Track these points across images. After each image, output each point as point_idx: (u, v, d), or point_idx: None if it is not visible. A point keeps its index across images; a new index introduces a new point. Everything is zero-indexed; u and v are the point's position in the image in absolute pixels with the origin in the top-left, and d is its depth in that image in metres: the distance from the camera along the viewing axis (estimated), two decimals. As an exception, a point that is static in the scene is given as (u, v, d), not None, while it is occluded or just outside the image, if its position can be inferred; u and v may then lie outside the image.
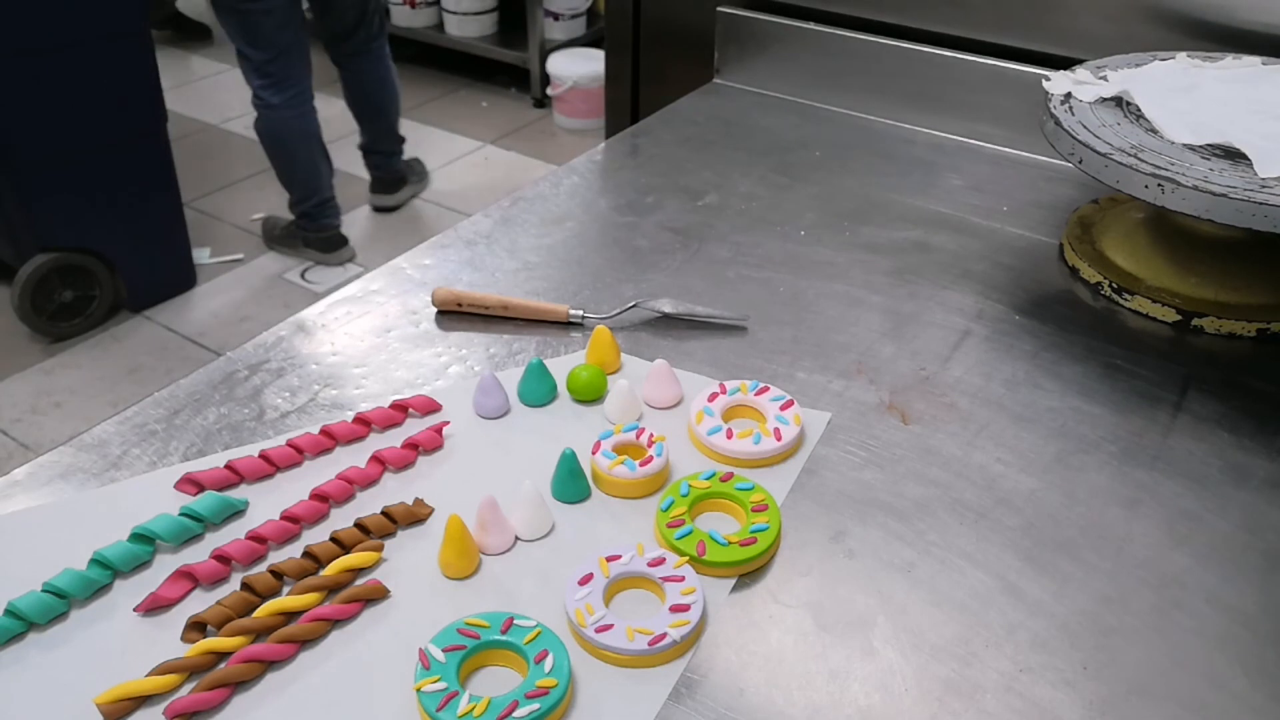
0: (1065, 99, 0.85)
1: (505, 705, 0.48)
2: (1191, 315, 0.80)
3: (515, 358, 0.76)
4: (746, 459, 0.65)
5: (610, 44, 1.36)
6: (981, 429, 0.69)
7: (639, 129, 1.13)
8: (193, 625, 0.53)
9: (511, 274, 0.85)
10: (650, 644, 0.52)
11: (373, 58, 2.62)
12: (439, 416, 0.69)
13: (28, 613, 0.53)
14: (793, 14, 1.17)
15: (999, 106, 1.06)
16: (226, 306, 2.49)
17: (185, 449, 0.66)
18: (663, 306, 0.80)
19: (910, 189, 1.00)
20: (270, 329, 0.77)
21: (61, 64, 2.05)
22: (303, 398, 0.71)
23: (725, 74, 1.23)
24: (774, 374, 0.74)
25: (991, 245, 0.91)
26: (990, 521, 0.62)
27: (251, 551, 0.58)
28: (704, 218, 0.94)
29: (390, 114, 2.74)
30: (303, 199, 2.56)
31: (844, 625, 0.55)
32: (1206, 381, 0.74)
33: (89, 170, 2.19)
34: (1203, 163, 0.76)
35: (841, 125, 1.13)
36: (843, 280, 0.86)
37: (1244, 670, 0.53)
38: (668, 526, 0.59)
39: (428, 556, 0.58)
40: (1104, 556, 0.60)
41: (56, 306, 2.29)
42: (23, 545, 0.58)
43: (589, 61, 3.28)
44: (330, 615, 0.54)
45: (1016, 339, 0.79)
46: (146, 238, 2.36)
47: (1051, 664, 0.53)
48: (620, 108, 1.38)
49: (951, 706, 0.51)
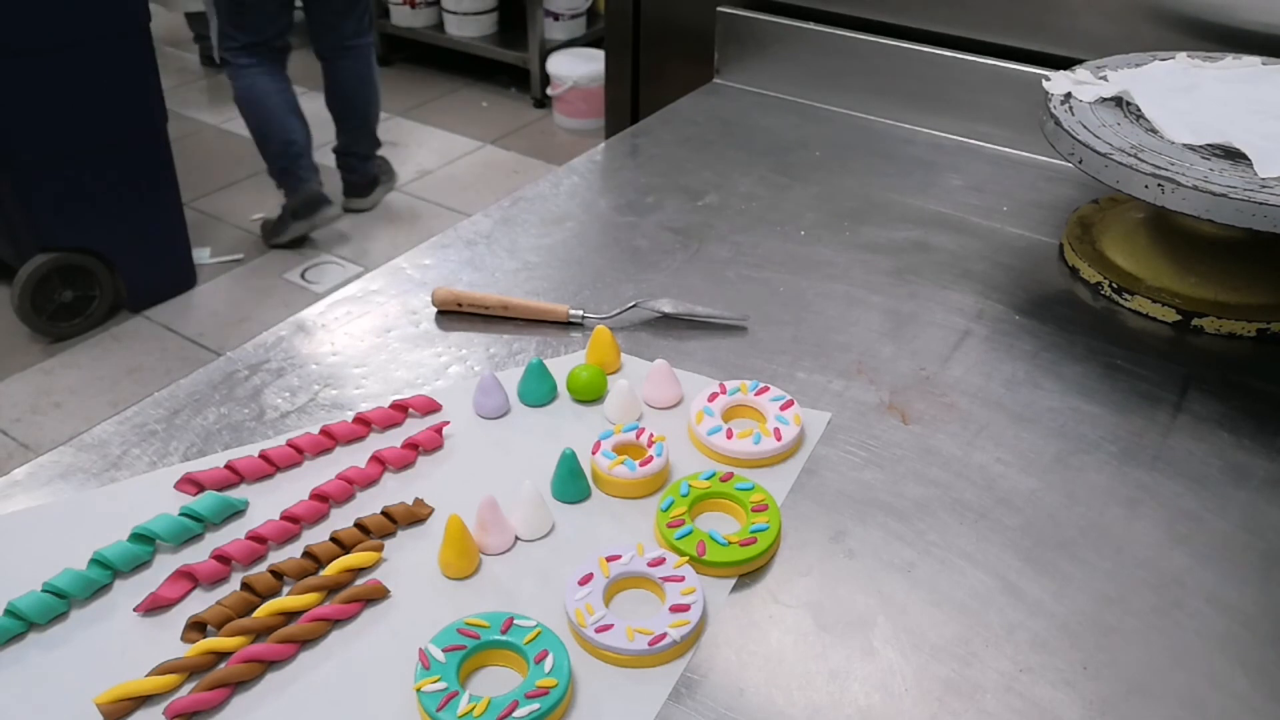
0: (1065, 99, 0.85)
1: (505, 705, 0.48)
2: (1191, 315, 0.80)
3: (515, 358, 0.76)
4: (746, 459, 0.65)
5: (610, 44, 1.36)
6: (981, 429, 0.69)
7: (639, 129, 1.13)
8: (193, 625, 0.53)
9: (511, 274, 0.85)
10: (650, 644, 0.52)
11: (358, 55, 2.64)
12: (439, 416, 0.69)
13: (28, 613, 0.53)
14: (793, 14, 1.17)
15: (999, 106, 1.06)
16: (226, 306, 2.49)
17: (185, 449, 0.66)
18: (663, 306, 0.80)
19: (910, 189, 1.00)
20: (270, 329, 0.77)
21: (62, 64, 2.05)
22: (303, 398, 0.71)
23: (725, 74, 1.23)
24: (774, 374, 0.74)
25: (991, 245, 0.91)
26: (990, 521, 0.62)
27: (251, 551, 0.58)
28: (704, 218, 0.94)
29: (370, 115, 2.75)
30: (279, 156, 2.55)
31: (844, 625, 0.55)
32: (1206, 381, 0.74)
33: (89, 170, 2.19)
34: (1203, 163, 0.76)
35: (841, 125, 1.13)
36: (843, 280, 0.86)
37: (1244, 670, 0.53)
38: (668, 526, 0.59)
39: (428, 556, 0.58)
40: (1104, 556, 0.60)
41: (56, 306, 2.29)
42: (23, 545, 0.58)
43: (589, 61, 3.28)
44: (330, 615, 0.54)
45: (1016, 339, 0.79)
46: (146, 238, 2.36)
47: (1051, 664, 0.53)
48: (620, 108, 1.38)
49: (951, 706, 0.51)
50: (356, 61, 2.64)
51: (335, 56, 2.62)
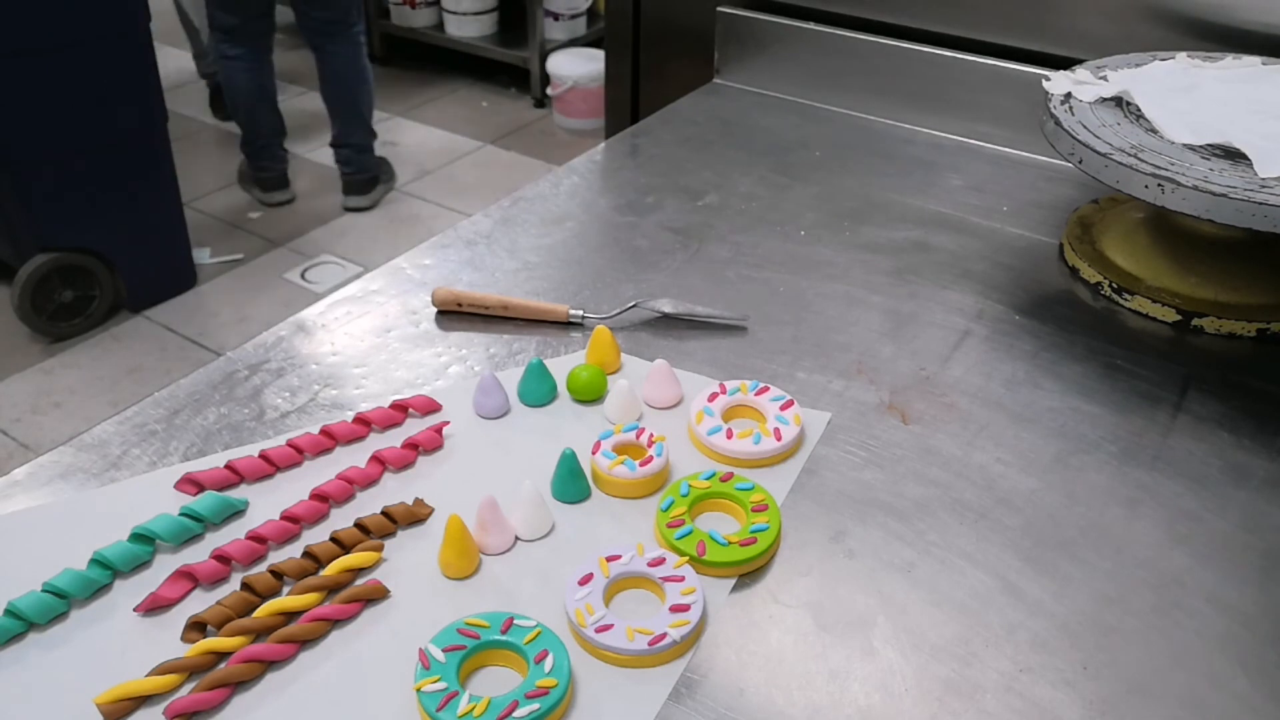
0: (1065, 99, 0.85)
1: (505, 705, 0.48)
2: (1191, 315, 0.80)
3: (515, 358, 0.76)
4: (746, 459, 0.65)
5: (610, 44, 1.36)
6: (981, 429, 0.69)
7: (639, 129, 1.13)
8: (193, 625, 0.53)
9: (511, 274, 0.85)
10: (650, 644, 0.52)
11: (348, 42, 2.69)
12: (439, 416, 0.69)
13: (28, 613, 0.53)
14: (793, 14, 1.17)
15: (999, 106, 1.06)
16: (226, 306, 2.49)
17: (185, 449, 0.66)
18: (663, 306, 0.80)
19: (910, 189, 1.00)
20: (270, 329, 0.77)
21: (62, 64, 2.05)
22: (303, 398, 0.71)
23: (725, 74, 1.23)
24: (774, 374, 0.74)
25: (991, 245, 0.91)
26: (990, 521, 0.62)
27: (251, 551, 0.58)
28: (704, 218, 0.94)
29: (360, 103, 2.80)
30: (248, 140, 2.81)
31: (844, 625, 0.55)
32: (1206, 381, 0.74)
33: (89, 170, 2.19)
34: (1203, 163, 0.75)
35: (841, 125, 1.13)
36: (843, 280, 0.86)
37: (1244, 670, 0.53)
38: (668, 526, 0.59)
39: (428, 556, 0.58)
40: (1104, 556, 0.60)
41: (56, 306, 2.29)
42: (23, 545, 0.58)
43: (589, 61, 3.28)
44: (330, 615, 0.54)
45: (1016, 339, 0.79)
46: (146, 238, 2.36)
47: (1051, 664, 0.53)
48: (620, 108, 1.38)
49: (951, 706, 0.51)
50: (344, 47, 2.69)
51: (323, 43, 2.68)
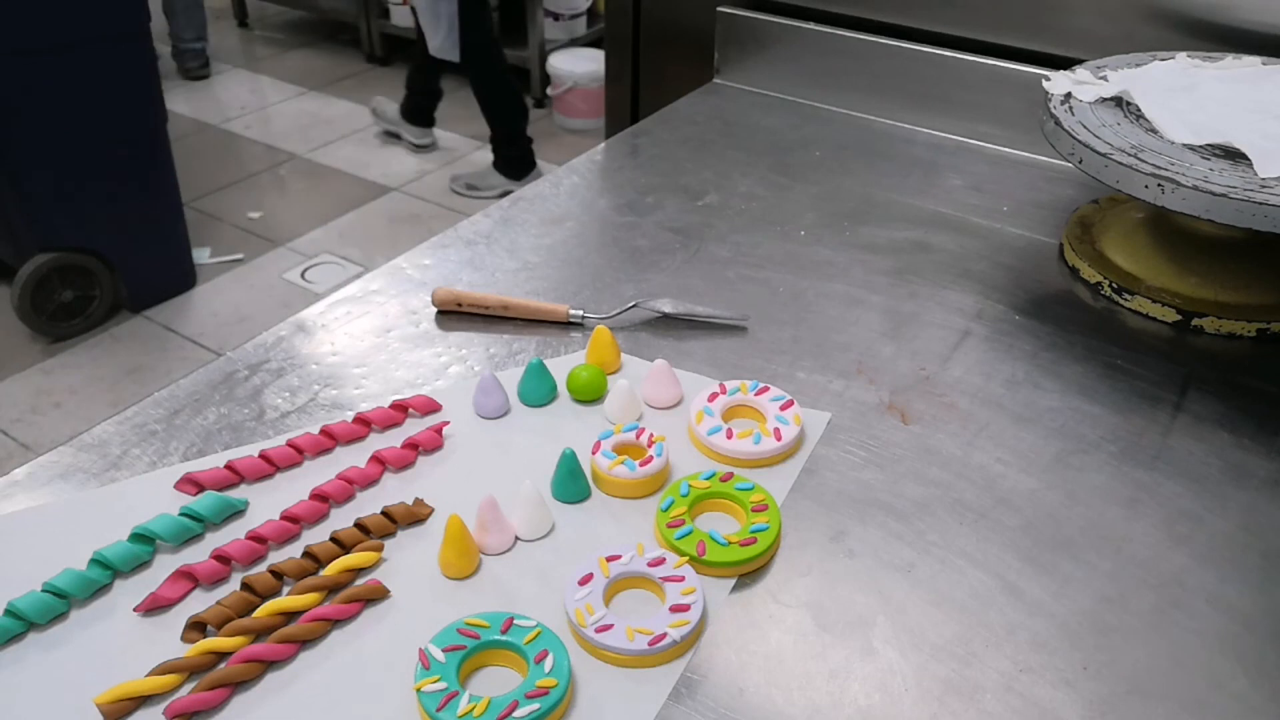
0: (1065, 99, 0.85)
1: (505, 705, 0.48)
2: (1191, 315, 0.80)
3: (515, 358, 0.76)
4: (746, 459, 0.65)
5: (610, 44, 1.36)
6: (981, 429, 0.69)
7: (639, 129, 1.13)
8: (193, 625, 0.53)
9: (511, 274, 0.85)
10: (650, 644, 0.52)
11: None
12: (439, 416, 0.69)
13: (28, 613, 0.53)
14: (793, 14, 1.17)
15: (999, 106, 1.06)
16: (226, 306, 2.49)
17: (185, 449, 0.66)
18: (663, 306, 0.80)
19: (910, 189, 1.00)
20: (270, 329, 0.77)
21: (62, 64, 2.05)
22: (303, 398, 0.71)
23: (725, 74, 1.23)
24: (774, 374, 0.74)
25: (991, 245, 0.91)
26: (990, 521, 0.62)
27: (251, 551, 0.58)
28: (704, 218, 0.94)
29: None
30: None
31: (844, 625, 0.55)
32: (1206, 381, 0.74)
33: (89, 170, 2.19)
34: (1203, 163, 0.75)
35: (841, 125, 1.13)
36: (843, 280, 0.86)
37: (1244, 670, 0.53)
38: (668, 526, 0.59)
39: (428, 556, 0.58)
40: (1104, 556, 0.60)
41: (56, 306, 2.29)
42: (23, 545, 0.58)
43: (589, 61, 3.28)
44: (330, 615, 0.54)
45: (1016, 339, 0.79)
46: (146, 238, 2.37)
47: (1051, 664, 0.53)
48: (620, 108, 1.38)
49: (951, 706, 0.51)
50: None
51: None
